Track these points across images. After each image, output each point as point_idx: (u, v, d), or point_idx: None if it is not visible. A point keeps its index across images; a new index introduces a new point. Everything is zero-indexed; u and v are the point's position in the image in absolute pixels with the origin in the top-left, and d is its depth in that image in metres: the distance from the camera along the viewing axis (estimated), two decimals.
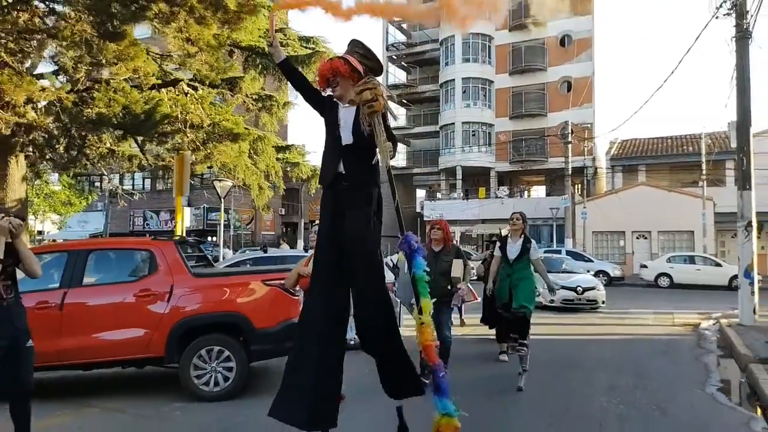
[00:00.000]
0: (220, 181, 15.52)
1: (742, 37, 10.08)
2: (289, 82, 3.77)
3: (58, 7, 7.02)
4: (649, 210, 26.34)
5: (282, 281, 6.20)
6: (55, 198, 28.97)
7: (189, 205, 33.61)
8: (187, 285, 5.21)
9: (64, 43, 6.59)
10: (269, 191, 14.82)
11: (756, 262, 10.42)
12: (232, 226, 34.67)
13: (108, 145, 8.93)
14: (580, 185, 32.50)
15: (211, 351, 5.19)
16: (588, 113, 33.10)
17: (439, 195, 38.62)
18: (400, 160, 42.58)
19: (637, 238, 27.96)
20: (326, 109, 3.48)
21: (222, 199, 15.38)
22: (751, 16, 9.89)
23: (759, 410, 5.11)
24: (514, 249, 5.99)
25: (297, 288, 4.30)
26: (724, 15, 10.34)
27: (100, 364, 5.21)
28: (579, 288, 13.01)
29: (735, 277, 15.65)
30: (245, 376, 5.31)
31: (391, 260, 7.69)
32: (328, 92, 3.47)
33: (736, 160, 10.86)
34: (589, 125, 32.59)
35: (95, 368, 5.36)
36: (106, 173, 15.82)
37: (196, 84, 10.10)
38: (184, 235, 18.16)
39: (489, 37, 35.38)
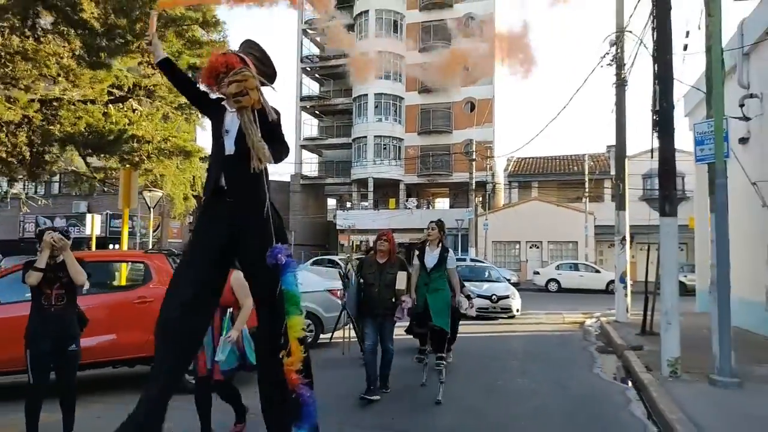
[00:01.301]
0: (150, 191, 15.59)
1: (620, 84, 12.30)
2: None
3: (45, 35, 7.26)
4: (540, 222, 29.40)
5: None
6: None
7: (89, 211, 32.09)
8: None
9: (43, 68, 6.90)
10: (193, 201, 15.13)
11: (629, 269, 12.67)
12: (138, 234, 33.54)
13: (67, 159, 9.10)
14: (481, 198, 35.22)
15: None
16: (489, 132, 36.00)
17: (348, 204, 39.85)
18: (312, 169, 43.40)
19: (531, 247, 30.97)
20: (212, 113, 3.27)
21: (151, 209, 15.45)
22: (628, 69, 12.12)
23: (630, 383, 6.77)
24: (431, 258, 5.90)
25: None
26: (607, 65, 12.51)
27: (99, 364, 5.77)
28: (494, 296, 13.17)
29: (611, 282, 18.37)
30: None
31: (340, 270, 8.43)
32: (215, 92, 3.24)
33: (614, 185, 13.13)
34: (490, 143, 35.50)
35: (91, 368, 5.88)
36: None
37: (141, 98, 10.46)
38: (93, 242, 17.85)
39: (400, 56, 37.38)
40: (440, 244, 5.97)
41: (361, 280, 5.78)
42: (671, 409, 5.07)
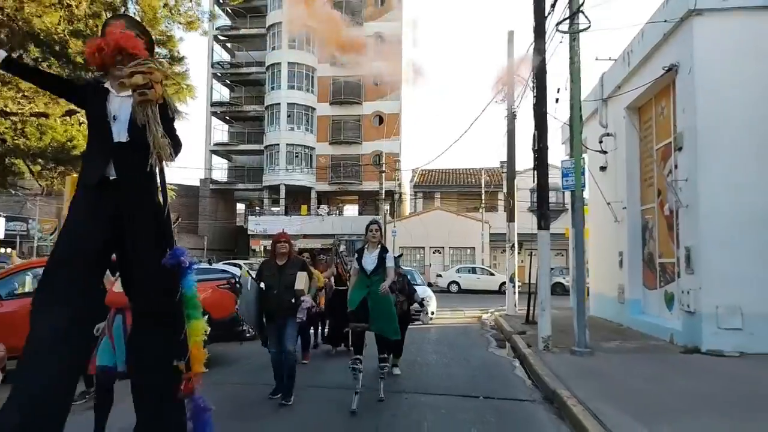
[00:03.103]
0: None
1: (512, 117, 14.72)
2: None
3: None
4: (442, 230, 32.11)
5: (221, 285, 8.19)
6: None
7: None
8: None
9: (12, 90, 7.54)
10: None
11: (517, 272, 15.11)
12: (36, 237, 32.01)
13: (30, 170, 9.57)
14: (389, 207, 37.45)
15: None
16: (396, 144, 38.40)
17: (257, 209, 40.42)
18: (222, 175, 43.38)
19: (434, 252, 33.61)
20: (88, 97, 2.95)
21: None
22: (517, 105, 14.57)
23: (518, 361, 8.82)
24: (370, 260, 5.61)
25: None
26: (500, 100, 14.89)
27: None
28: (423, 300, 14.25)
29: (503, 283, 21.04)
30: None
31: (234, 277, 8.05)
32: (98, 74, 2.98)
33: (506, 200, 15.56)
34: (397, 155, 37.87)
35: None
36: None
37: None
38: None
39: (312, 68, 38.77)
40: (379, 246, 5.72)
41: (262, 284, 5.63)
42: (542, 369, 7.06)
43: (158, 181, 2.99)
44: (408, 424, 4.98)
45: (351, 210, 43.21)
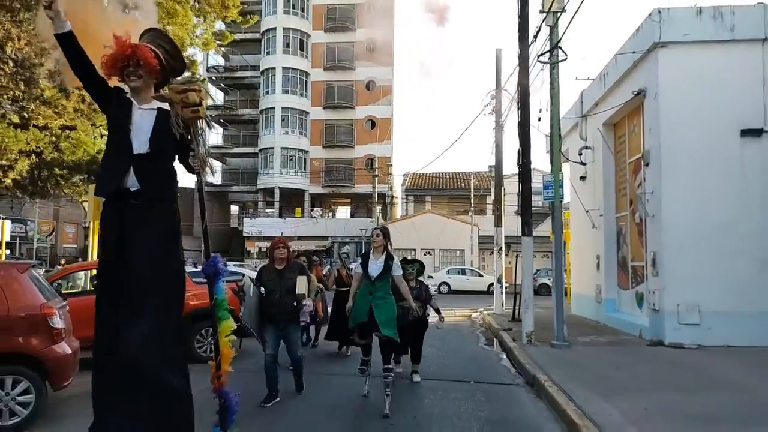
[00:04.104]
0: (83, 200, 16.58)
1: (499, 129, 15.80)
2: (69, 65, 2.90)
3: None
4: (433, 232, 33.18)
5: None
6: None
7: None
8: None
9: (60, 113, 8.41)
10: None
11: (505, 273, 16.18)
12: (35, 239, 32.59)
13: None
14: (381, 210, 38.47)
15: None
16: (387, 148, 39.44)
17: (251, 211, 41.22)
18: (217, 177, 44.12)
19: (425, 254, 34.62)
20: (113, 104, 2.97)
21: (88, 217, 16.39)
22: (504, 118, 15.64)
23: (504, 353, 9.84)
24: (375, 266, 5.61)
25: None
26: (489, 113, 15.96)
27: None
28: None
29: (491, 284, 22.16)
30: None
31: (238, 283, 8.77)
32: (117, 82, 2.98)
33: (494, 206, 16.63)
34: (388, 158, 38.91)
35: None
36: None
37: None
38: (3, 248, 18.26)
39: (306, 73, 39.70)
40: (385, 252, 5.71)
41: (262, 289, 5.70)
42: (525, 359, 8.10)
43: (198, 192, 3.22)
44: (412, 401, 5.98)
45: (343, 212, 44.13)
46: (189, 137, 2.99)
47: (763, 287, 8.86)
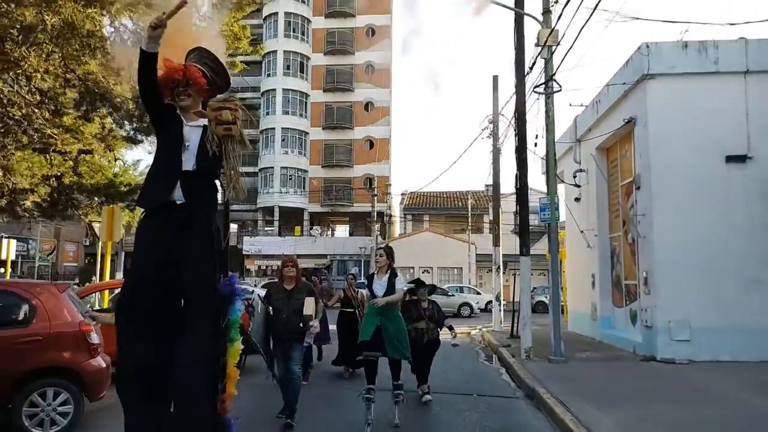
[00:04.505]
0: (91, 220, 16.94)
1: (496, 153, 16.37)
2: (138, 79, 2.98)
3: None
4: (431, 250, 33.61)
5: None
6: None
7: None
8: None
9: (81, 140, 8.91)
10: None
11: (503, 291, 16.62)
12: (37, 258, 32.87)
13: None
14: (379, 228, 38.94)
15: None
16: (386, 168, 40.06)
17: (250, 229, 41.56)
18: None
19: (423, 272, 34.97)
20: (165, 120, 3.04)
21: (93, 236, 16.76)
22: (501, 142, 16.23)
23: (504, 368, 10.27)
24: (380, 285, 5.69)
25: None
26: (486, 137, 16.55)
27: None
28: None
29: (489, 302, 22.54)
30: None
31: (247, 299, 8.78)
32: (167, 100, 3.04)
33: (491, 226, 17.12)
34: (387, 178, 39.51)
35: None
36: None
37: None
38: (8, 266, 18.50)
39: (306, 94, 40.47)
40: (389, 271, 5.78)
41: (270, 308, 5.71)
42: (524, 374, 8.52)
43: (221, 211, 3.19)
44: (420, 412, 6.39)
45: (342, 231, 44.54)
46: (220, 155, 2.99)
47: (749, 305, 9.34)
